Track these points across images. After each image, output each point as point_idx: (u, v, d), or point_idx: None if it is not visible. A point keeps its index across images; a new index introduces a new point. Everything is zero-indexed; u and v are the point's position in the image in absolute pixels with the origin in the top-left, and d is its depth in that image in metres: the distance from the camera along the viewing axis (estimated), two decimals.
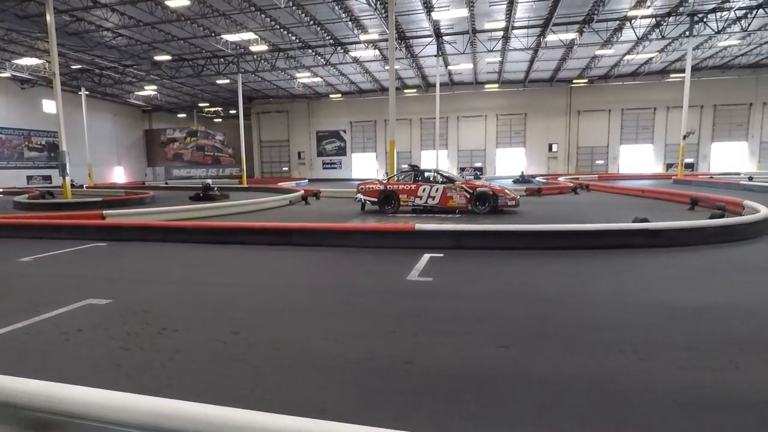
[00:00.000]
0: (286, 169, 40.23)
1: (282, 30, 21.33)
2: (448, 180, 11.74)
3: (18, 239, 8.45)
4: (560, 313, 3.89)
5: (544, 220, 9.44)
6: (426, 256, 6.08)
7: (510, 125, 35.36)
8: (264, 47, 23.93)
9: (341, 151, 38.83)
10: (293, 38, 22.82)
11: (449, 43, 23.61)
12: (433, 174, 12.17)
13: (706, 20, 20.68)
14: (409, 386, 2.58)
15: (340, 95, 37.12)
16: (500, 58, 26.49)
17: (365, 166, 37.63)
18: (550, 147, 34.59)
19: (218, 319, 3.83)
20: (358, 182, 12.97)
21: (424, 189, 11.46)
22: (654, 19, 20.92)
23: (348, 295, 4.64)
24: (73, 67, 27.18)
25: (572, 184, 19.24)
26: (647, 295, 4.36)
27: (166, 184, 33.45)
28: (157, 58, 25.28)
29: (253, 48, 23.98)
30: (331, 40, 23.35)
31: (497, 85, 33.95)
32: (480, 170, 32.38)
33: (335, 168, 38.94)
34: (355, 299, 4.49)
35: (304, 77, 31.21)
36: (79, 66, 27.15)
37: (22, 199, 16.39)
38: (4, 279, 5.59)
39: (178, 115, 44.23)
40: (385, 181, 12.22)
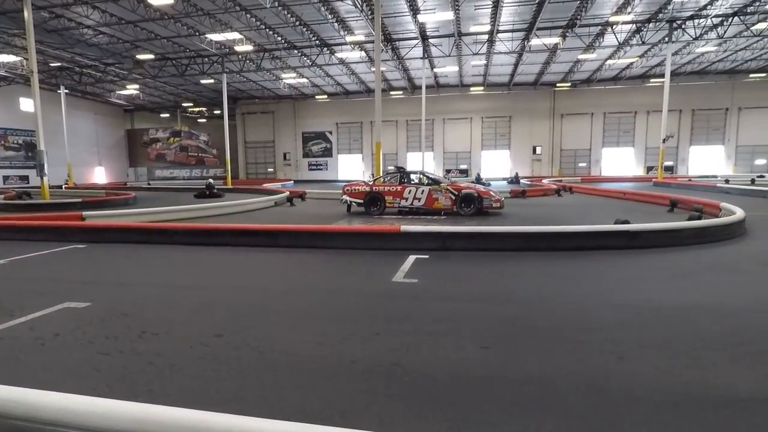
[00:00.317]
0: (272, 170, 39.93)
1: (268, 30, 21.19)
2: (434, 182, 11.80)
3: None
4: (542, 314, 3.94)
5: (529, 222, 9.56)
6: (411, 258, 6.10)
7: (495, 128, 35.71)
8: (249, 47, 23.73)
9: (327, 153, 38.71)
10: (279, 39, 22.69)
11: (435, 46, 23.75)
12: (419, 176, 12.23)
13: (684, 27, 21.21)
14: (394, 388, 2.58)
15: (326, 96, 37.02)
16: (485, 61, 26.74)
17: (351, 168, 37.58)
18: (535, 149, 35.02)
19: (201, 322, 3.78)
20: (344, 184, 12.95)
21: (410, 191, 11.49)
22: (635, 25, 21.38)
23: (333, 297, 4.63)
24: (52, 64, 26.55)
25: (556, 186, 19.51)
26: (627, 296, 4.45)
27: (149, 185, 32.89)
28: (140, 57, 24.86)
29: (238, 48, 23.75)
30: (317, 41, 23.29)
31: (482, 88, 34.26)
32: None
33: (321, 169, 38.79)
34: (340, 301, 4.48)
35: (290, 78, 31.04)
36: (59, 64, 26.52)
37: None
38: None
39: (161, 115, 43.54)
40: (371, 183, 12.22)
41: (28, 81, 16.86)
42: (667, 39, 21.93)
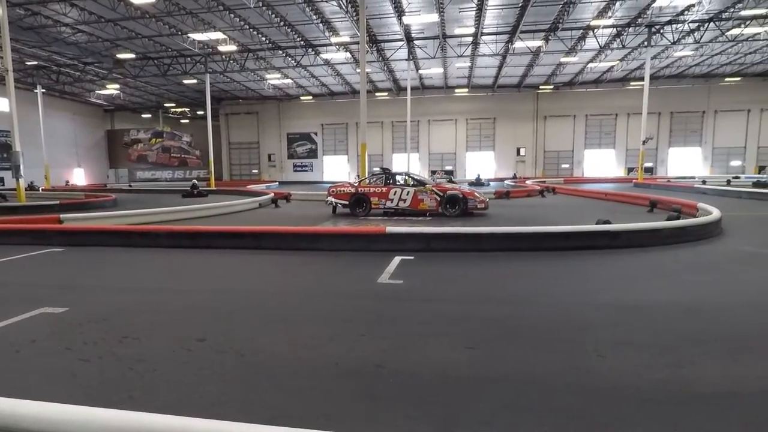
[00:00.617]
0: (256, 171, 39.58)
1: (252, 30, 21.01)
2: (419, 183, 11.84)
3: None
4: (526, 314, 3.99)
5: (512, 223, 9.65)
6: (397, 259, 6.10)
7: (480, 129, 36.01)
8: (233, 47, 23.50)
9: (312, 154, 38.52)
10: (263, 39, 22.51)
11: (420, 48, 23.85)
12: (405, 177, 12.26)
13: (662, 32, 21.73)
14: (379, 390, 2.58)
15: (311, 97, 36.85)
16: (470, 64, 26.95)
17: (337, 169, 37.48)
18: (518, 151, 35.42)
19: (183, 326, 3.72)
20: (330, 185, 12.90)
21: (396, 192, 11.51)
22: (615, 29, 21.81)
23: (318, 299, 4.60)
24: (28, 63, 25.88)
25: (539, 187, 19.75)
26: (608, 295, 4.53)
27: (130, 186, 32.31)
28: (120, 56, 24.39)
29: (222, 48, 23.51)
30: (302, 42, 23.19)
31: (467, 90, 34.52)
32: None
33: (306, 170, 38.59)
34: (325, 303, 4.45)
35: (275, 78, 30.83)
36: (35, 62, 25.88)
37: None
38: None
39: (143, 116, 42.80)
40: (357, 184, 12.20)
41: (2, 80, 16.35)
42: (646, 43, 22.42)
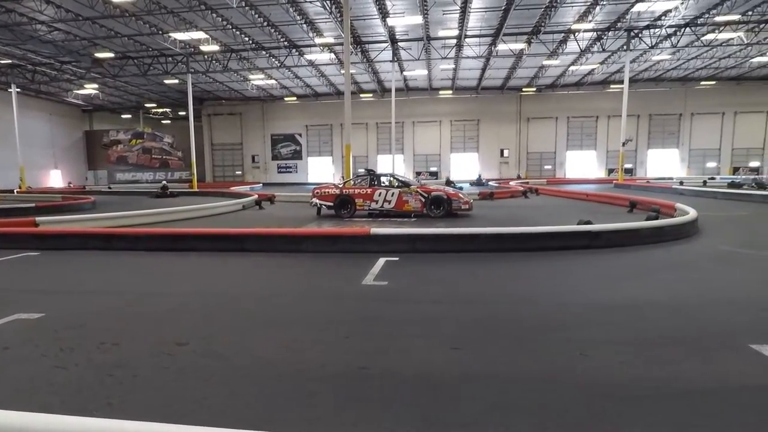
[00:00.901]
0: (240, 173, 39.16)
1: (234, 30, 20.79)
2: (404, 184, 11.87)
3: None
4: (511, 314, 4.02)
5: (496, 224, 9.73)
6: (381, 260, 6.10)
7: (464, 131, 36.27)
8: (215, 47, 23.22)
9: (297, 155, 38.29)
10: (246, 39, 22.31)
11: (404, 49, 23.93)
12: (389, 178, 12.27)
13: (641, 36, 22.22)
14: (364, 392, 2.57)
15: (295, 98, 36.64)
16: (454, 66, 27.15)
17: (321, 170, 37.33)
18: (502, 152, 35.78)
19: (164, 330, 3.65)
20: (314, 186, 12.84)
21: (380, 193, 11.51)
22: (595, 33, 22.23)
23: (302, 302, 4.56)
24: (1, 62, 25.18)
25: (523, 188, 19.99)
26: (590, 294, 4.60)
27: (110, 188, 31.64)
28: (99, 55, 23.85)
29: (204, 48, 23.21)
30: (286, 43, 23.05)
31: (451, 92, 34.75)
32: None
33: (291, 172, 38.33)
34: (309, 305, 4.42)
35: (258, 79, 30.57)
36: (9, 61, 25.16)
37: None
38: None
39: (123, 116, 41.98)
40: (341, 186, 12.17)
41: None
42: (625, 47, 22.90)
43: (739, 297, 4.45)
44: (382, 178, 12.26)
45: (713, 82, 32.62)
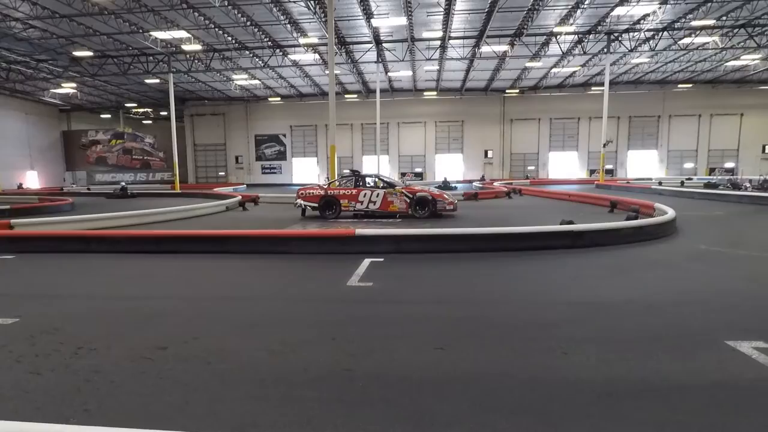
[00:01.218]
0: (223, 173, 38.69)
1: (217, 30, 20.54)
2: (389, 185, 11.87)
3: None
4: (494, 314, 4.05)
5: (481, 224, 9.79)
6: (366, 261, 6.09)
7: (448, 132, 36.47)
8: (197, 47, 22.91)
9: (281, 156, 38.01)
10: (229, 39, 22.05)
11: (389, 50, 23.96)
12: (374, 179, 12.26)
13: (620, 39, 22.65)
14: (348, 394, 2.56)
15: (279, 99, 36.37)
16: (438, 67, 27.28)
17: (306, 171, 37.11)
18: (486, 153, 36.07)
19: (144, 334, 3.57)
20: (299, 187, 12.76)
21: (365, 194, 11.50)
22: (576, 36, 22.58)
23: (286, 304, 4.53)
24: None
25: (506, 189, 20.18)
26: (572, 293, 4.66)
27: (89, 189, 30.92)
28: (77, 54, 23.29)
29: (186, 47, 22.86)
30: (270, 43, 22.86)
31: (436, 93, 34.91)
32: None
33: (275, 173, 38.03)
34: (294, 307, 4.39)
35: (241, 79, 30.25)
36: None
37: None
38: None
39: (102, 116, 41.06)
40: (326, 186, 12.12)
41: None
42: (605, 50, 23.33)
43: (716, 295, 4.57)
44: (367, 179, 12.24)
45: (690, 85, 33.47)
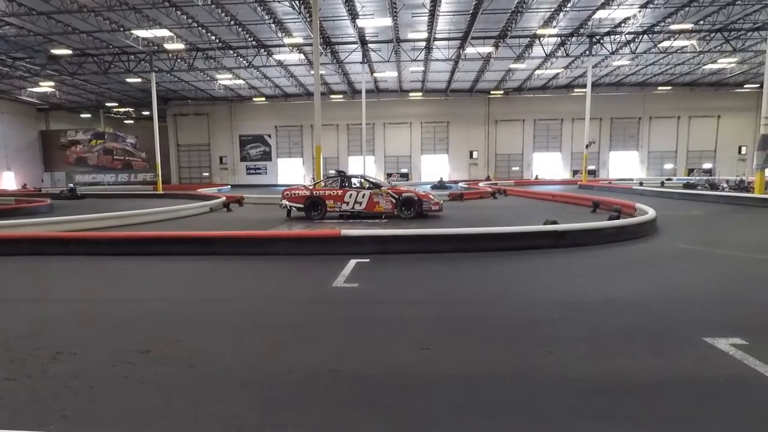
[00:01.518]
0: (207, 174, 38.20)
1: (200, 29, 20.28)
2: (375, 185, 11.87)
3: None
4: (480, 314, 4.08)
5: (466, 224, 9.84)
6: (352, 262, 6.07)
7: (434, 132, 36.63)
8: (180, 46, 22.58)
9: (266, 156, 37.70)
10: (213, 38, 21.79)
11: (374, 51, 23.96)
12: (360, 180, 12.24)
13: (602, 42, 23.06)
14: (334, 395, 2.55)
15: (264, 99, 36.07)
16: (423, 68, 27.37)
17: (292, 172, 36.86)
18: (471, 154, 36.33)
19: (125, 338, 3.50)
20: (284, 188, 12.67)
21: (351, 194, 11.47)
22: (559, 38, 22.91)
23: (271, 305, 4.49)
24: None
25: (491, 189, 20.35)
26: (556, 292, 4.72)
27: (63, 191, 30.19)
28: (55, 52, 22.76)
29: (168, 46, 22.52)
30: (254, 42, 22.65)
31: (421, 94, 35.04)
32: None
33: (260, 173, 37.70)
34: (279, 309, 4.35)
35: (225, 79, 29.92)
36: None
37: None
38: None
39: (82, 115, 40.16)
40: (312, 187, 12.06)
41: None
42: (587, 52, 23.72)
43: (694, 293, 4.67)
44: (353, 180, 12.21)
45: (669, 88, 34.21)
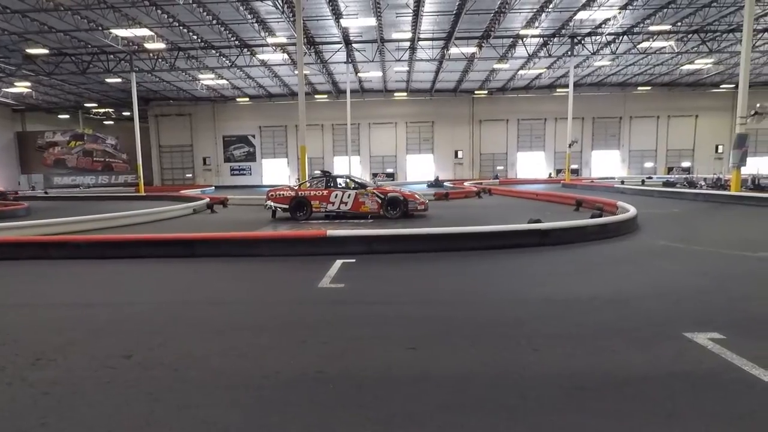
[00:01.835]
0: (190, 175, 37.68)
1: (182, 28, 20.00)
2: (360, 186, 11.86)
3: None
4: (465, 313, 4.11)
5: (451, 224, 9.90)
6: (338, 262, 6.06)
7: (419, 132, 36.76)
8: (161, 45, 22.22)
9: (251, 157, 37.35)
10: (194, 37, 21.51)
11: (359, 51, 23.93)
12: (346, 180, 12.22)
13: (583, 42, 23.45)
14: (320, 396, 2.54)
15: (247, 99, 35.73)
16: (408, 68, 27.46)
17: (276, 172, 36.60)
18: (456, 153, 36.56)
19: (107, 342, 3.44)
20: (269, 188, 12.58)
21: (337, 195, 11.45)
22: (542, 39, 23.21)
23: (257, 307, 4.45)
24: None
25: (476, 189, 20.50)
26: (540, 290, 4.78)
27: (46, 193, 29.53)
28: (31, 52, 22.19)
29: (149, 45, 22.13)
30: (237, 42, 22.43)
31: (406, 94, 35.13)
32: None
33: (245, 174, 37.35)
34: (264, 311, 4.32)
35: (208, 79, 29.56)
36: None
37: None
38: None
39: (60, 116, 39.27)
40: (297, 188, 12.00)
41: None
42: (569, 53, 24.09)
43: (674, 289, 4.77)
44: (339, 180, 12.18)
45: (649, 88, 34.95)
